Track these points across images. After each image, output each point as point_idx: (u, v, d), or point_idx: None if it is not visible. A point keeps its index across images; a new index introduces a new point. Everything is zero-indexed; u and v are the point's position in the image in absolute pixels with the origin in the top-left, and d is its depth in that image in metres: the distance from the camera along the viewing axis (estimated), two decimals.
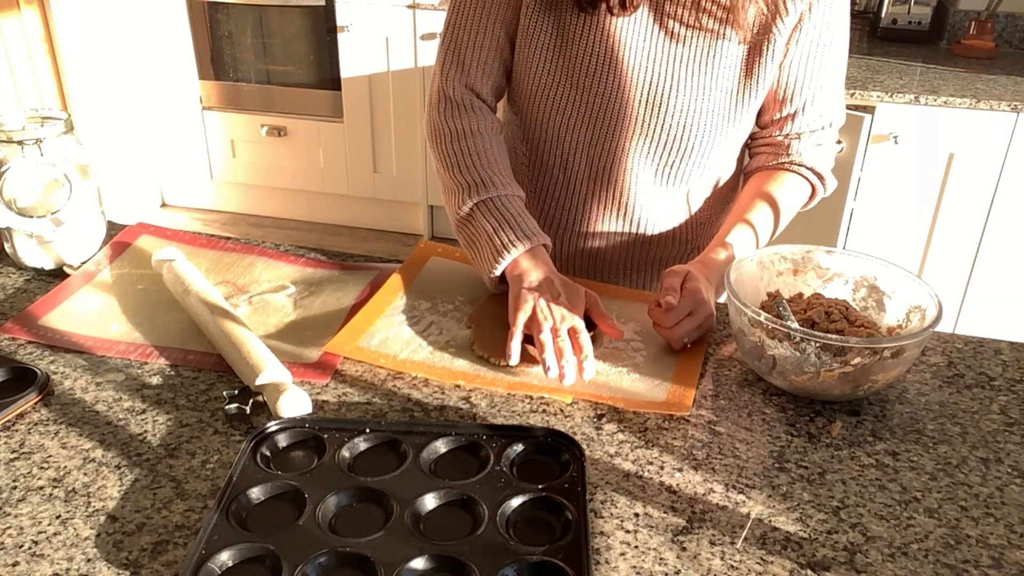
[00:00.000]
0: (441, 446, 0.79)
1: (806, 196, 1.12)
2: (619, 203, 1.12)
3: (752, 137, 1.14)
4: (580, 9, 1.00)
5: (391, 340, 0.95)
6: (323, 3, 3.12)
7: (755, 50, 1.01)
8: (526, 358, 0.92)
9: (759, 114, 1.10)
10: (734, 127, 1.07)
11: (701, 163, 1.09)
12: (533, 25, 1.03)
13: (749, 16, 0.98)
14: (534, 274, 0.97)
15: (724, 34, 1.00)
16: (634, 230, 1.15)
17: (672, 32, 1.00)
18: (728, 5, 0.98)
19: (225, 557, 0.65)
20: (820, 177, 1.11)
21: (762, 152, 1.12)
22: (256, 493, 0.72)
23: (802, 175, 1.10)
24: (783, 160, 1.10)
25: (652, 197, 1.11)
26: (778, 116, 1.08)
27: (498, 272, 0.99)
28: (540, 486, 0.74)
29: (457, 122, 1.05)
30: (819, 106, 1.07)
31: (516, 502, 0.72)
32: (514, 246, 0.98)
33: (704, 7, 0.99)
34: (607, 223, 1.14)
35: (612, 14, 0.99)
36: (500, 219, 1.00)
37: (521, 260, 0.98)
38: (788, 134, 1.09)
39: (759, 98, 1.05)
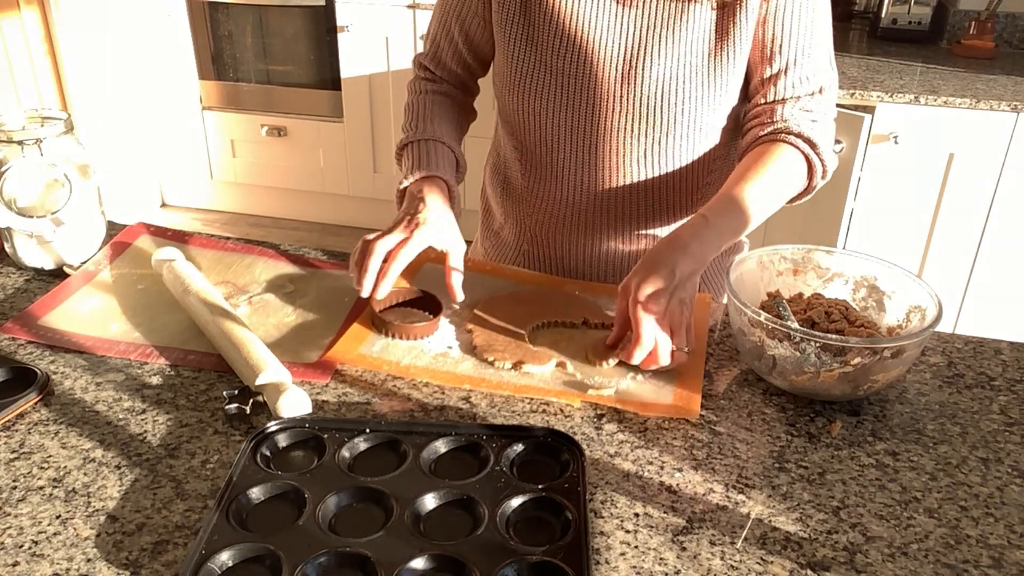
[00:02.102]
0: (441, 446, 0.79)
1: (801, 167, 1.03)
2: (610, 193, 1.11)
3: (743, 115, 1.10)
4: None
5: (392, 346, 0.95)
6: (323, 3, 3.12)
7: (728, 10, 1.00)
8: (533, 358, 0.92)
9: (746, 85, 1.07)
10: (716, 95, 1.04)
11: (688, 138, 1.06)
12: (504, 17, 1.05)
13: None
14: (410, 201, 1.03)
15: None
16: (626, 222, 1.14)
17: (639, 1, 1.00)
18: None
19: (225, 557, 0.65)
20: (813, 146, 1.01)
21: (752, 127, 1.06)
22: (256, 493, 0.72)
23: (792, 144, 1.01)
24: (769, 130, 1.02)
25: (642, 184, 1.10)
26: (761, 79, 1.04)
27: (402, 187, 1.06)
28: (540, 486, 0.74)
29: (415, 85, 1.18)
30: (804, 68, 1.02)
31: (516, 502, 0.72)
32: (411, 175, 1.05)
33: None
34: (599, 217, 1.13)
35: None
36: (416, 158, 1.08)
37: (411, 189, 1.04)
38: (774, 100, 1.04)
39: (739, 62, 1.02)
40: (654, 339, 0.87)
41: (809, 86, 1.04)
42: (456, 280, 0.99)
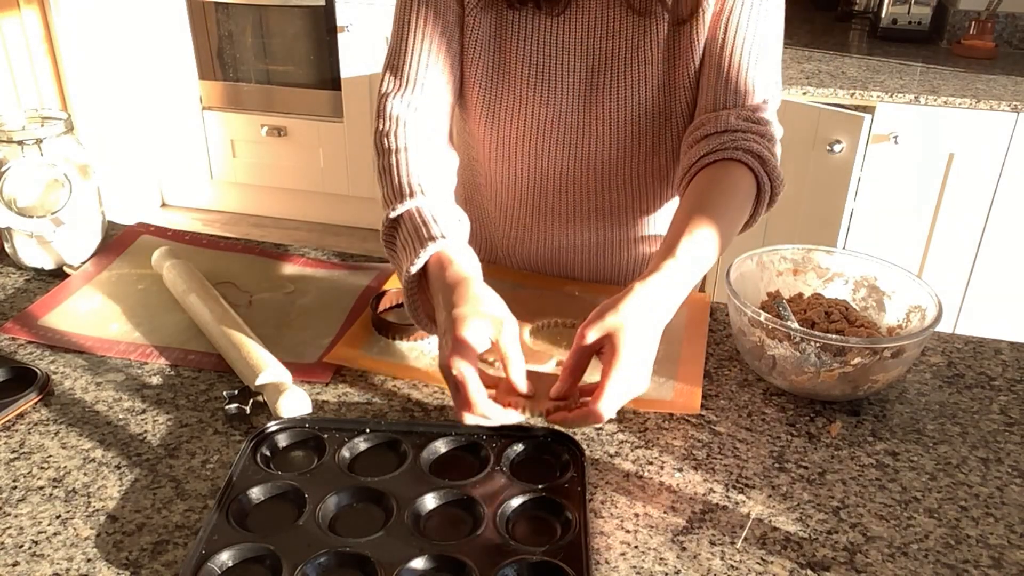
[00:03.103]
0: (441, 446, 0.79)
1: (751, 190, 0.94)
2: (579, 214, 1.09)
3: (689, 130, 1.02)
4: (510, 6, 0.98)
5: (392, 348, 0.95)
6: (323, 3, 3.12)
7: (684, 28, 0.97)
8: (533, 357, 0.92)
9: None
10: (679, 112, 1.02)
11: (656, 155, 1.05)
12: (474, 46, 1.01)
13: None
14: (443, 290, 0.81)
15: (655, 15, 0.97)
16: (593, 240, 1.12)
17: (605, 24, 0.98)
18: None
19: (225, 557, 0.65)
20: (762, 161, 0.94)
21: (697, 137, 0.98)
22: (256, 493, 0.72)
23: (739, 160, 0.94)
24: (715, 145, 0.95)
25: (613, 204, 1.09)
26: (707, 84, 0.99)
27: (413, 271, 0.84)
28: (540, 486, 0.74)
29: (392, 140, 0.96)
30: (750, 76, 0.97)
31: (516, 502, 0.72)
32: (424, 248, 0.83)
33: None
34: (563, 238, 1.11)
35: (540, 8, 0.98)
36: (417, 225, 0.86)
37: (432, 269, 0.84)
38: (718, 105, 0.97)
39: (696, 77, 1.00)
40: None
41: (755, 97, 0.98)
42: (516, 371, 0.77)
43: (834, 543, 0.70)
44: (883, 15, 2.72)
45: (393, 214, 0.89)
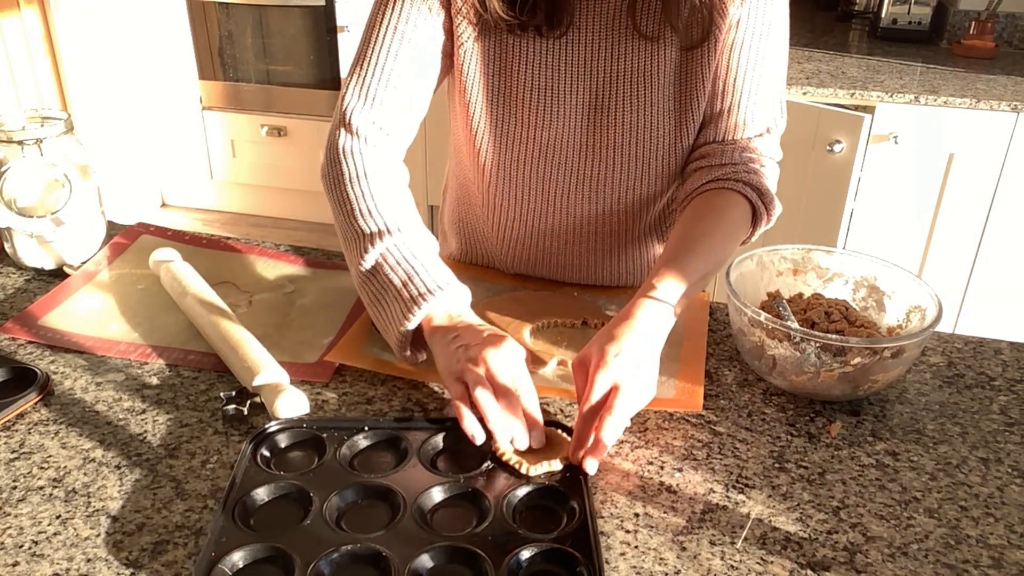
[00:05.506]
0: (441, 442, 0.79)
1: (747, 217, 0.99)
2: (581, 236, 1.08)
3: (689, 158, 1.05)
4: (510, 32, 0.96)
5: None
6: (323, 3, 3.12)
7: (694, 53, 0.96)
8: (534, 357, 0.92)
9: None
10: (685, 137, 1.01)
11: (660, 180, 1.04)
12: (472, 73, 0.99)
13: (683, 15, 0.93)
14: (455, 323, 0.86)
15: (665, 39, 0.95)
16: (593, 261, 1.11)
17: (610, 46, 0.96)
18: (664, 9, 0.92)
19: (236, 558, 0.65)
20: (760, 193, 0.98)
21: (698, 167, 1.01)
22: (261, 494, 0.72)
23: (738, 191, 0.97)
24: (717, 175, 0.98)
25: (616, 227, 1.08)
26: (708, 114, 1.00)
27: (411, 325, 0.86)
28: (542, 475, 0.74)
29: (356, 161, 0.94)
30: (754, 107, 0.99)
31: (521, 492, 0.73)
32: (431, 294, 0.86)
33: (640, 16, 0.94)
34: (575, 248, 1.10)
35: (541, 35, 0.96)
36: (410, 268, 0.88)
37: (437, 312, 0.87)
38: (720, 140, 1.00)
39: (704, 103, 0.99)
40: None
41: (757, 127, 1.00)
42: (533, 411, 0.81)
43: (834, 543, 0.71)
44: (883, 15, 2.73)
45: (368, 260, 0.89)
